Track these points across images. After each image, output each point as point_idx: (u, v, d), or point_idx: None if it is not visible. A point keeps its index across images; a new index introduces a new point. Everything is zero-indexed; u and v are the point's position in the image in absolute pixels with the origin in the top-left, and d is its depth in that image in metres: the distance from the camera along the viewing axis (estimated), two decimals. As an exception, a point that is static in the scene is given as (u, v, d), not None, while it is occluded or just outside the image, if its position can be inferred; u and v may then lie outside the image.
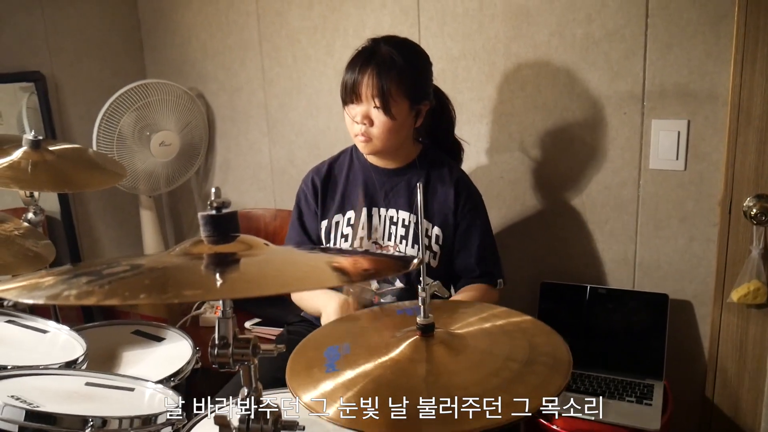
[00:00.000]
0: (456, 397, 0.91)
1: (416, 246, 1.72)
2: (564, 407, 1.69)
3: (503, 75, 2.01)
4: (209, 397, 1.27)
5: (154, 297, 0.60)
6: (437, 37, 2.08)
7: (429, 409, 0.90)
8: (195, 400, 1.23)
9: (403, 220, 1.74)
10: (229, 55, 2.54)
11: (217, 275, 0.73)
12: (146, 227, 2.69)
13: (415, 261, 0.96)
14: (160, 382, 1.46)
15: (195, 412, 1.20)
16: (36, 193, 1.87)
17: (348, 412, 0.91)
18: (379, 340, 1.06)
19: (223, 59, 2.56)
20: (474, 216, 1.74)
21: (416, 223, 1.71)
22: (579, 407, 1.69)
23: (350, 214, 1.77)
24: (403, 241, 1.73)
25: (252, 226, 2.55)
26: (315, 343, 1.11)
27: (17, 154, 1.67)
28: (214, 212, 0.77)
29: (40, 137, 1.72)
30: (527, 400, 0.89)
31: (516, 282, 2.03)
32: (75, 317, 2.48)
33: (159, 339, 1.77)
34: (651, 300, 1.86)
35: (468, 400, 0.90)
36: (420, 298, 1.02)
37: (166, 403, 1.22)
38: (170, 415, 1.11)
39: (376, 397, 0.92)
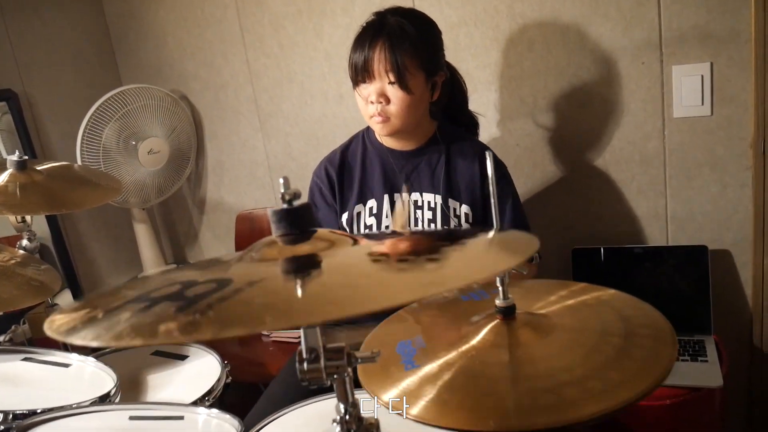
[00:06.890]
0: (559, 382, 0.82)
1: (446, 228, 1.62)
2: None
3: (509, 38, 1.91)
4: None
5: (282, 320, 0.47)
6: (433, 6, 1.97)
7: (532, 397, 0.81)
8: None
9: (429, 202, 1.63)
10: (210, 51, 2.40)
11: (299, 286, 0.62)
12: (142, 241, 2.55)
13: (491, 233, 0.87)
14: (194, 404, 1.36)
15: None
16: (28, 218, 1.74)
17: (440, 408, 0.81)
18: (453, 330, 0.96)
19: (204, 56, 2.41)
20: (502, 187, 1.64)
21: (492, 195, 1.62)
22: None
23: (371, 203, 1.66)
24: (432, 225, 1.63)
25: (255, 227, 2.43)
26: (380, 341, 1.00)
27: (3, 178, 1.55)
28: (286, 206, 0.66)
29: (26, 157, 1.60)
30: (645, 376, 0.80)
31: (545, 252, 1.93)
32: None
33: (182, 357, 1.66)
34: (690, 253, 1.79)
35: (576, 383, 0.81)
36: (498, 278, 0.93)
37: (224, 428, 1.10)
38: (236, 442, 0.99)
39: (466, 390, 0.83)
